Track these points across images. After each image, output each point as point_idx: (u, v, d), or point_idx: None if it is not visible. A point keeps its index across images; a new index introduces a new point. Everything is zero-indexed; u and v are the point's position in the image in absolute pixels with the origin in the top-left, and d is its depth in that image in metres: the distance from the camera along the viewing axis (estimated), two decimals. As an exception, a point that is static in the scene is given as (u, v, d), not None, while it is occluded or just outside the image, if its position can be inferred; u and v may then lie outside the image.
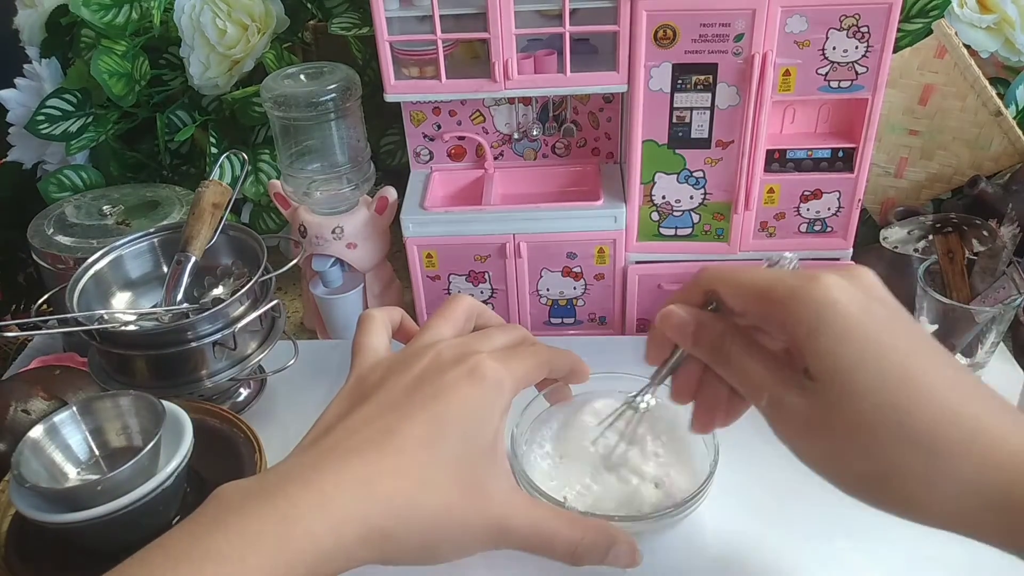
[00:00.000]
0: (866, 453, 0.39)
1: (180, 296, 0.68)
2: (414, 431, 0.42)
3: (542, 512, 0.46)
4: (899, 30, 0.72)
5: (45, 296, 0.70)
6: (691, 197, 0.73)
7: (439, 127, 0.79)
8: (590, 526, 0.46)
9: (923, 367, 0.39)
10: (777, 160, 0.71)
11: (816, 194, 0.72)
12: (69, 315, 0.64)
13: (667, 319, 0.46)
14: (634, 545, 0.47)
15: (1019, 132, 0.78)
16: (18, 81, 0.96)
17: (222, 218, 0.70)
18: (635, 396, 0.52)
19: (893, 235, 0.72)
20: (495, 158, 0.81)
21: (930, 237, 0.71)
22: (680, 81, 0.67)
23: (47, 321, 0.71)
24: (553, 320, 0.80)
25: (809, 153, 0.71)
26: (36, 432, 0.54)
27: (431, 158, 0.81)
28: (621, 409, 0.53)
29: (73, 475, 0.55)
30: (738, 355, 0.44)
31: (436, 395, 0.44)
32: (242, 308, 0.67)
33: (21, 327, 0.66)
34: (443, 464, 0.42)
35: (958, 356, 0.68)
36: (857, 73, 0.66)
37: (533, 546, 0.45)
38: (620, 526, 0.50)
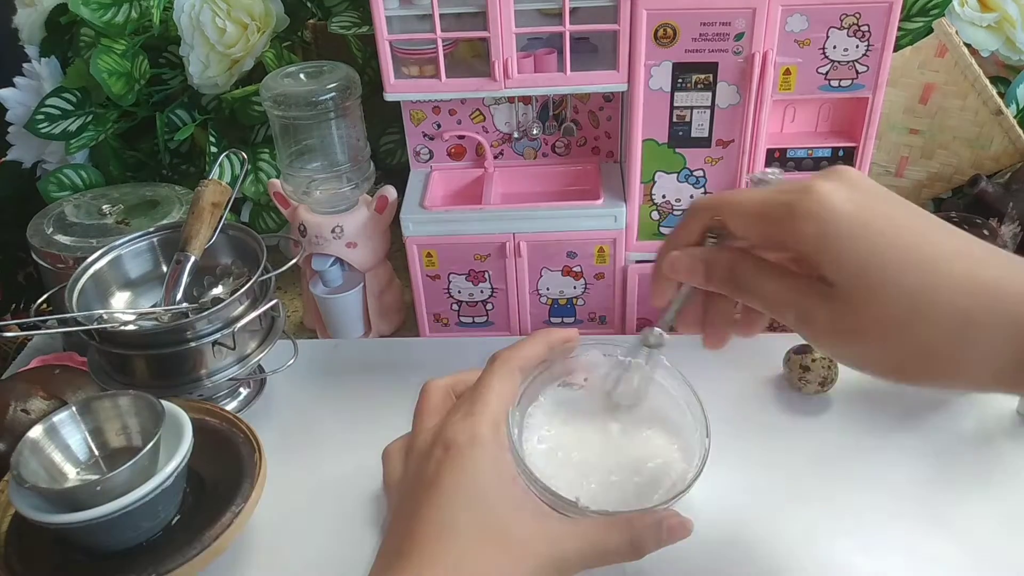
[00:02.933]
0: (899, 343, 0.40)
1: (179, 296, 0.68)
2: (427, 529, 0.44)
3: (584, 527, 0.47)
4: (900, 29, 0.72)
5: (45, 296, 0.70)
6: (691, 196, 0.73)
7: (439, 126, 0.79)
8: (630, 519, 0.48)
9: (932, 245, 0.40)
10: (777, 159, 0.71)
11: (816, 193, 0.72)
12: (68, 315, 0.64)
13: (675, 266, 0.47)
14: (678, 514, 0.49)
15: (1020, 131, 0.78)
16: (17, 80, 0.96)
17: (222, 217, 0.70)
18: (646, 335, 0.52)
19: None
20: (495, 157, 0.80)
21: (931, 236, 0.71)
22: (680, 80, 0.67)
23: (46, 321, 0.71)
24: (553, 320, 0.80)
25: (809, 152, 0.71)
26: (35, 432, 0.54)
27: (431, 157, 0.81)
28: (636, 348, 0.53)
29: (72, 475, 0.55)
30: (752, 279, 0.44)
31: (429, 486, 0.46)
32: (242, 308, 0.67)
33: (21, 326, 0.66)
34: (468, 540, 0.44)
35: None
36: (857, 72, 0.66)
37: (592, 562, 0.47)
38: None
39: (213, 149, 0.89)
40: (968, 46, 0.78)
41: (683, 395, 0.55)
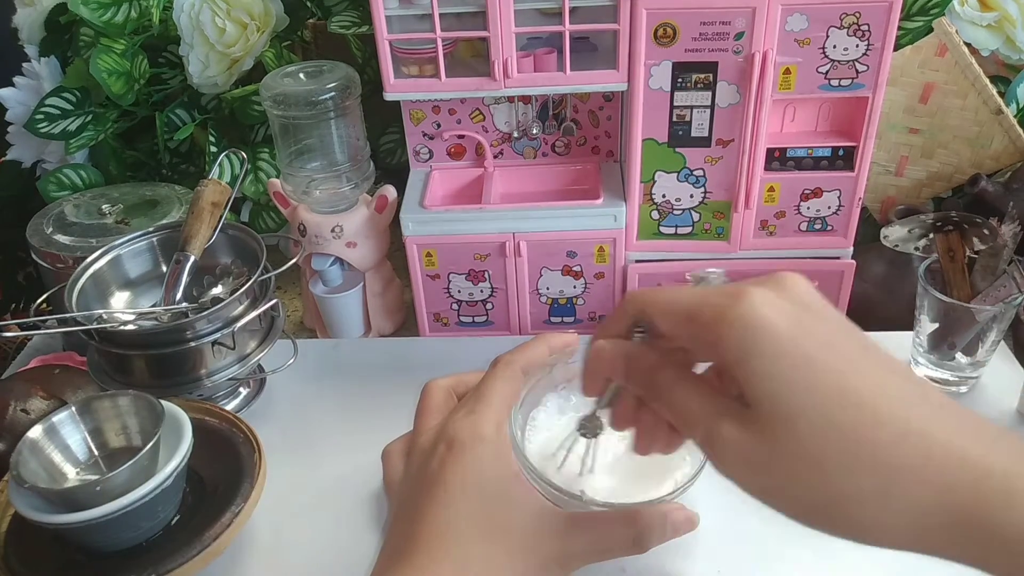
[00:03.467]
0: (812, 482, 0.36)
1: (179, 295, 0.68)
2: (431, 528, 0.44)
3: (588, 521, 0.47)
4: (900, 28, 0.72)
5: (44, 295, 0.70)
6: (691, 196, 0.73)
7: (439, 126, 0.79)
8: (635, 512, 0.48)
9: (865, 382, 0.36)
10: (777, 159, 0.71)
11: (816, 193, 0.72)
12: (68, 315, 0.64)
13: (598, 355, 0.44)
14: (684, 508, 0.49)
15: (1020, 130, 0.78)
16: (17, 80, 0.96)
17: (221, 217, 0.70)
18: (580, 428, 0.50)
19: (894, 234, 0.72)
20: (495, 157, 0.80)
21: (931, 236, 0.71)
22: (680, 79, 0.67)
23: (46, 320, 0.71)
24: (553, 319, 0.80)
25: (809, 152, 0.71)
26: (35, 432, 0.54)
27: (431, 157, 0.81)
28: (572, 439, 0.52)
29: (72, 475, 0.55)
30: (669, 387, 0.41)
31: (432, 485, 0.46)
32: (241, 307, 0.67)
33: (20, 326, 0.66)
34: (472, 537, 0.44)
35: (958, 355, 0.68)
36: (857, 71, 0.66)
37: (596, 556, 0.47)
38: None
39: (213, 149, 0.89)
40: (968, 45, 0.78)
41: None
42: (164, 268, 0.72)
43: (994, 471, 0.34)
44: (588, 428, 0.50)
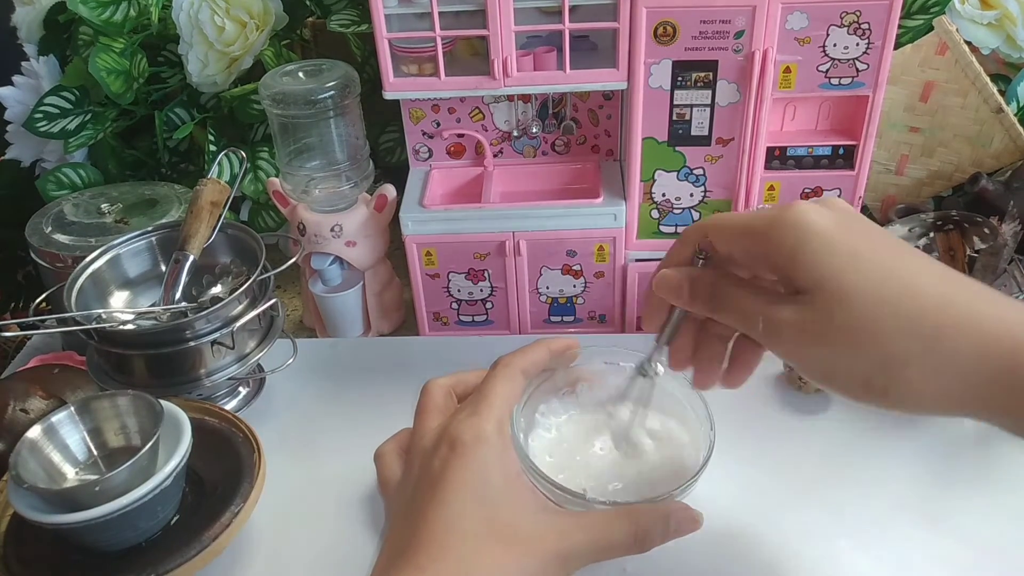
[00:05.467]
0: (865, 351, 0.40)
1: (178, 295, 0.67)
2: (432, 528, 0.45)
3: (589, 520, 0.48)
4: (900, 27, 0.71)
5: (43, 295, 0.70)
6: (691, 195, 0.73)
7: (438, 124, 0.79)
8: (638, 510, 0.48)
9: (908, 265, 0.41)
10: (777, 157, 0.71)
11: (817, 191, 0.72)
12: (67, 314, 0.64)
13: (661, 282, 0.48)
14: (688, 507, 0.49)
15: (1020, 129, 0.78)
16: (16, 79, 0.96)
17: (220, 216, 0.70)
18: (642, 364, 0.53)
19: (894, 232, 0.72)
20: (494, 156, 0.80)
21: (931, 235, 0.71)
22: (680, 78, 0.67)
23: (45, 320, 0.71)
24: (553, 318, 0.80)
25: (810, 150, 0.71)
26: (34, 432, 0.54)
27: (430, 156, 0.81)
28: (632, 379, 0.54)
29: (71, 475, 0.55)
30: (728, 294, 0.45)
31: (434, 484, 0.46)
32: (241, 307, 0.67)
33: (20, 326, 0.66)
34: (474, 537, 0.44)
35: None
36: (858, 70, 0.66)
37: (598, 555, 0.47)
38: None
39: (212, 148, 0.89)
40: (968, 44, 0.77)
41: (685, 394, 0.55)
42: (163, 267, 0.72)
43: None
44: (645, 371, 0.53)
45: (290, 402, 0.72)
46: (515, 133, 0.79)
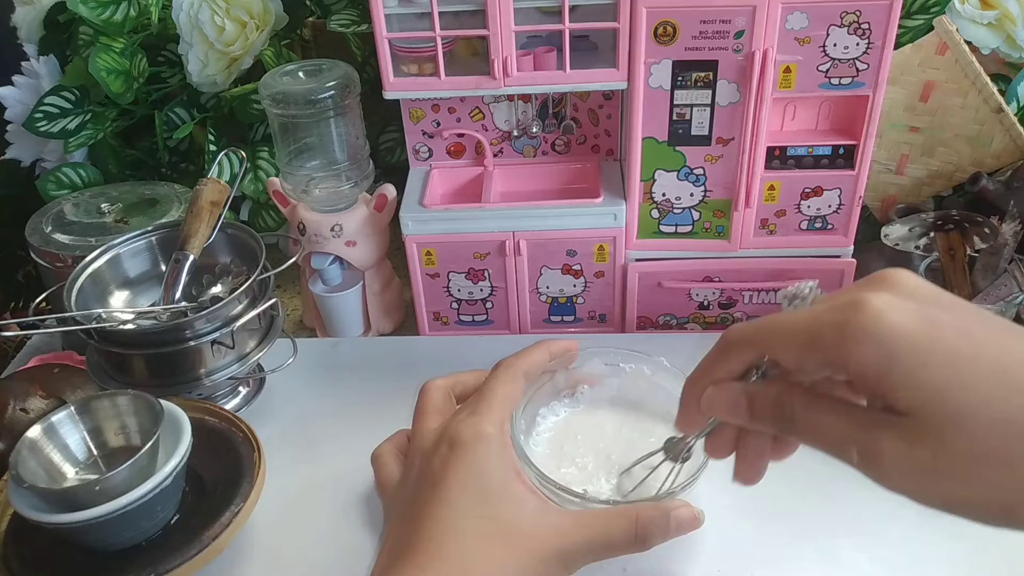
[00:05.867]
0: (999, 480, 0.33)
1: (178, 295, 0.67)
2: (433, 527, 0.45)
3: (588, 518, 0.47)
4: (900, 27, 0.71)
5: (43, 295, 0.70)
6: (691, 194, 0.73)
7: (438, 124, 0.79)
8: (637, 508, 0.48)
9: (1017, 357, 0.34)
10: (778, 157, 0.71)
11: (817, 191, 0.72)
12: (67, 314, 0.64)
13: (713, 403, 0.42)
14: (689, 505, 0.49)
15: (1020, 129, 0.78)
16: (16, 79, 0.96)
17: (220, 216, 0.70)
18: (674, 446, 0.51)
19: (894, 232, 0.72)
20: (494, 155, 0.80)
21: (931, 234, 0.71)
22: (680, 78, 0.67)
23: (45, 320, 0.71)
24: (553, 318, 0.80)
25: (810, 150, 0.71)
26: (34, 432, 0.54)
27: (430, 155, 0.81)
28: (658, 457, 0.52)
29: (71, 475, 0.55)
30: (804, 415, 0.38)
31: (434, 484, 0.46)
32: (241, 306, 0.67)
33: (20, 326, 0.66)
34: (474, 536, 0.44)
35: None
36: (858, 70, 0.66)
37: (598, 553, 0.47)
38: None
39: (212, 147, 0.89)
40: (969, 43, 0.77)
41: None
42: (163, 267, 0.72)
43: None
44: (674, 453, 0.51)
45: (290, 402, 0.72)
46: (515, 133, 0.79)
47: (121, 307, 0.70)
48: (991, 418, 0.33)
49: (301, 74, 0.74)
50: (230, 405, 0.70)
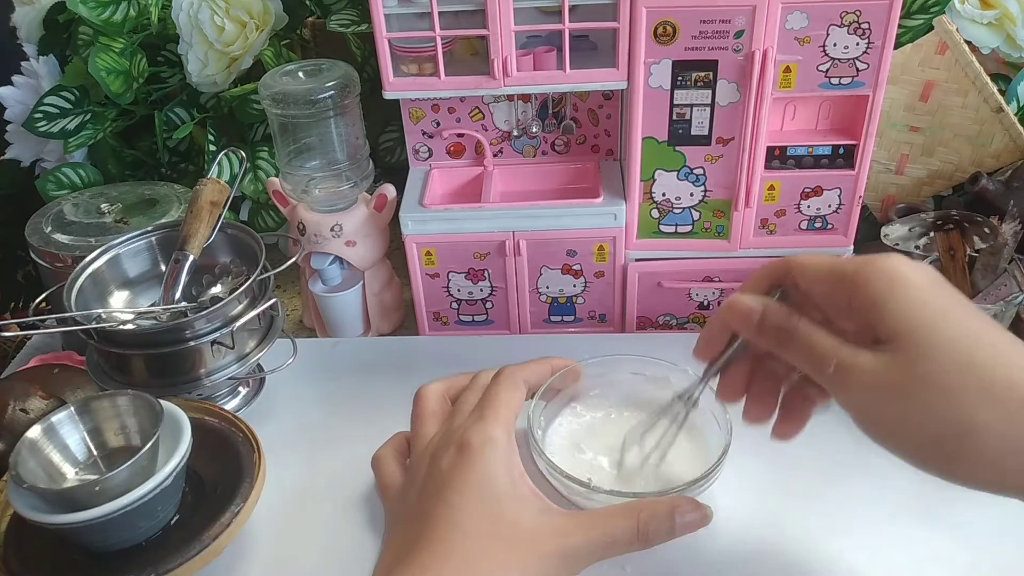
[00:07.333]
0: (943, 411, 0.38)
1: (178, 295, 0.67)
2: (437, 527, 0.45)
3: (590, 518, 0.48)
4: (900, 26, 0.71)
5: (43, 295, 0.70)
6: (691, 194, 0.73)
7: (438, 124, 0.79)
8: (640, 505, 0.48)
9: (999, 337, 0.39)
10: (778, 157, 0.71)
11: (817, 191, 0.72)
12: (67, 314, 0.64)
13: (733, 307, 0.46)
14: (695, 501, 0.49)
15: (1020, 128, 0.78)
16: (16, 79, 0.96)
17: (220, 216, 0.70)
18: (688, 393, 0.52)
19: (894, 232, 0.72)
20: (494, 155, 0.80)
21: (931, 234, 0.71)
22: (680, 78, 0.67)
23: (45, 320, 0.71)
24: (553, 318, 0.80)
25: (810, 150, 0.71)
26: (34, 432, 0.54)
27: (430, 155, 0.81)
28: (671, 403, 0.54)
29: (71, 475, 0.55)
30: (804, 330, 0.43)
31: (442, 486, 0.47)
32: (240, 307, 0.67)
33: (20, 326, 0.66)
34: (478, 536, 0.45)
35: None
36: (858, 70, 0.66)
37: (601, 552, 0.47)
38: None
39: (212, 147, 0.89)
40: (969, 43, 0.77)
41: (707, 400, 0.55)
42: (163, 267, 0.72)
43: None
44: (689, 399, 0.52)
45: (290, 402, 0.72)
46: (515, 133, 0.79)
47: (121, 307, 0.70)
48: (960, 358, 0.38)
49: (301, 74, 0.74)
50: (230, 405, 0.70)
